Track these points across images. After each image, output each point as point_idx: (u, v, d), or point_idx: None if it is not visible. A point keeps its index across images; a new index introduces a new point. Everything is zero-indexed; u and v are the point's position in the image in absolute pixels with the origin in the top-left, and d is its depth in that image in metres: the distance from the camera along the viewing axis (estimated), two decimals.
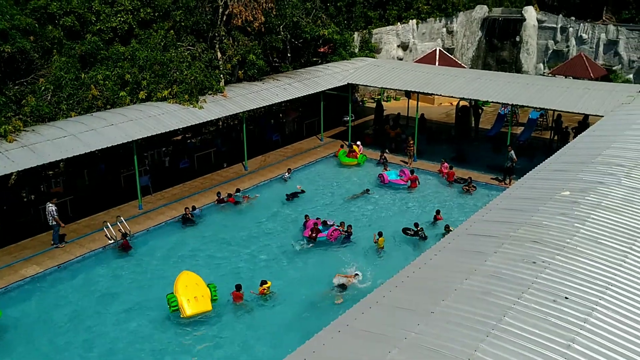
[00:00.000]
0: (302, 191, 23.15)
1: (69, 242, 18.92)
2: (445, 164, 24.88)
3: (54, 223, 18.51)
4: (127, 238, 18.79)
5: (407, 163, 26.33)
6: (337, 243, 19.07)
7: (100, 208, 21.40)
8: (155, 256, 18.53)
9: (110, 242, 18.95)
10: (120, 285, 16.88)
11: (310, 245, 18.85)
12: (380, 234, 18.80)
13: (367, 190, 23.43)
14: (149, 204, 22.06)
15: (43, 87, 21.54)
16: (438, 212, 20.68)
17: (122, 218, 19.75)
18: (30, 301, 16.05)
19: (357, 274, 16.64)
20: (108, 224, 19.47)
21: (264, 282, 15.89)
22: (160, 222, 20.57)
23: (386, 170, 24.69)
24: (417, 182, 23.74)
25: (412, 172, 24.20)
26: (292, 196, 22.68)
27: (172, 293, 15.15)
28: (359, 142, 27.48)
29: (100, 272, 17.58)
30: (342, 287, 16.13)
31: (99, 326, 14.85)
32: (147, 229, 20.07)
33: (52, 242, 18.70)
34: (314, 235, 18.96)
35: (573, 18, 38.10)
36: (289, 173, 25.09)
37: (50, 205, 18.51)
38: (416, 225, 19.35)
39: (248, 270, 17.56)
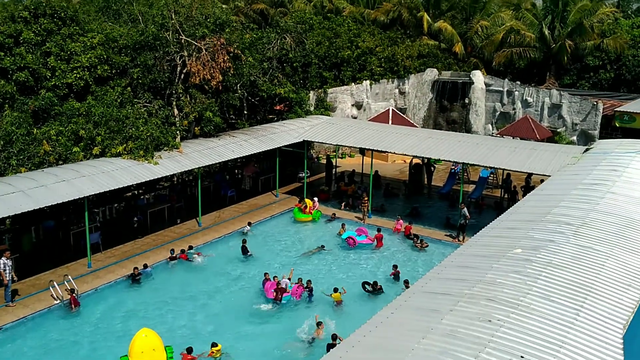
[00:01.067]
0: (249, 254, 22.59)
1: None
2: (401, 221, 25.21)
3: (8, 279, 17.64)
4: (74, 294, 18.06)
5: (361, 219, 26.54)
6: (302, 300, 18.81)
7: (48, 266, 20.60)
8: (103, 316, 17.81)
9: (56, 302, 18.16)
10: (65, 348, 16.08)
11: (276, 307, 18.42)
12: (335, 290, 18.76)
13: (322, 246, 23.41)
14: (99, 262, 21.37)
15: None
16: (395, 266, 20.84)
17: (69, 277, 19.01)
18: None
19: (320, 323, 16.58)
20: (55, 283, 18.70)
21: (214, 345, 15.44)
22: (109, 281, 19.90)
23: (343, 231, 24.56)
24: (382, 241, 23.66)
25: (378, 230, 24.01)
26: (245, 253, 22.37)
27: (126, 356, 14.48)
28: (315, 199, 27.63)
29: (46, 333, 16.73)
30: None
31: None
32: (95, 288, 19.37)
33: (5, 301, 17.75)
34: (279, 296, 18.55)
35: (518, 82, 40.04)
36: (249, 226, 24.95)
37: (3, 259, 17.71)
38: (375, 283, 19.37)
39: (200, 331, 17.03)
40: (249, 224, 25.22)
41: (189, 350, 15.13)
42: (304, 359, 15.71)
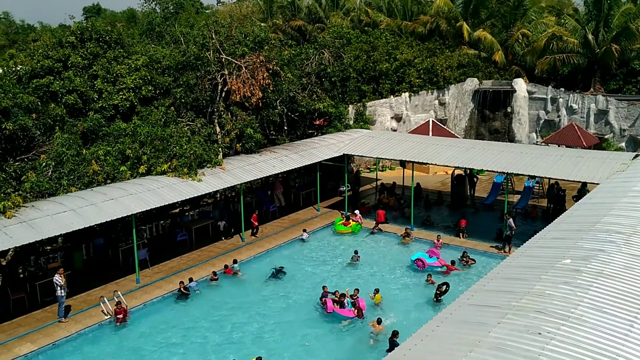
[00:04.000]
0: (283, 271, 22.38)
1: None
2: (441, 241, 24.63)
3: (60, 294, 18.29)
4: (121, 308, 18.47)
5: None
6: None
7: (98, 283, 21.16)
8: (151, 332, 18.13)
9: (106, 317, 18.62)
10: None
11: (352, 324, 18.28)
12: (376, 291, 19.19)
13: (356, 252, 23.53)
14: (147, 277, 21.83)
15: (44, 163, 21.78)
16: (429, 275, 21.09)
17: (119, 292, 19.49)
18: None
19: (380, 319, 17.37)
20: (105, 299, 19.20)
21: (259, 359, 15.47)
22: (157, 296, 20.29)
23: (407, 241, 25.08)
24: (449, 271, 21.94)
25: (452, 262, 22.27)
26: (277, 273, 22.14)
27: None
28: (357, 211, 27.60)
29: (95, 349, 17.14)
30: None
31: None
32: (143, 304, 19.77)
33: (58, 317, 18.46)
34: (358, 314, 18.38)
35: (562, 89, 39.21)
36: (306, 233, 25.91)
37: (57, 276, 18.41)
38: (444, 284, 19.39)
39: (255, 344, 17.15)
40: (304, 230, 26.11)
41: None
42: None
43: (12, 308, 19.18)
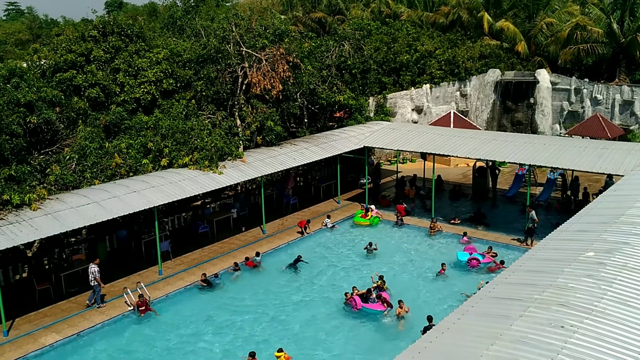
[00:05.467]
0: (304, 261, 22.43)
1: (88, 310, 18.90)
2: (465, 238, 24.17)
3: (95, 283, 18.93)
4: (144, 300, 18.76)
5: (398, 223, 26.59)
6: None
7: (121, 274, 21.46)
8: (174, 322, 18.35)
9: (129, 308, 18.89)
10: (140, 354, 16.67)
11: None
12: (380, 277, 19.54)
13: (370, 242, 23.62)
14: (169, 269, 22.08)
15: (68, 156, 22.10)
16: (443, 264, 21.07)
17: (142, 284, 19.75)
18: None
19: (401, 301, 17.85)
20: (128, 290, 19.48)
21: (280, 350, 15.55)
22: (179, 288, 20.52)
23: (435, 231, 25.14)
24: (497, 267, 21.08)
25: (502, 262, 21.20)
26: (295, 263, 22.23)
27: None
28: (372, 206, 27.53)
29: (119, 340, 17.42)
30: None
31: None
32: (166, 295, 20.00)
33: (94, 303, 19.15)
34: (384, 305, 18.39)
35: (587, 80, 38.56)
36: (329, 219, 26.37)
37: (93, 265, 18.94)
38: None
39: (277, 335, 17.27)
40: (328, 216, 26.56)
41: (252, 354, 15.29)
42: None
43: (37, 298, 19.56)
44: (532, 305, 9.74)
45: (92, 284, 18.96)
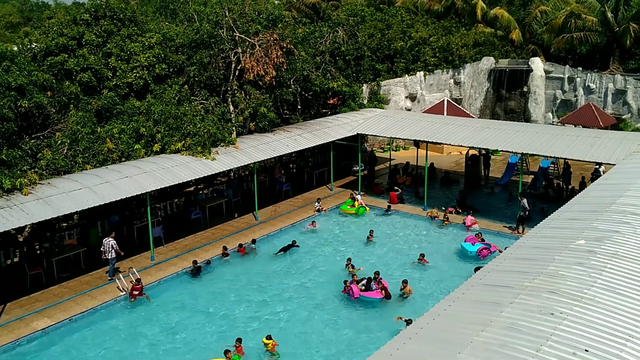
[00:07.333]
0: (296, 245, 22.69)
1: (81, 294, 18.88)
2: (470, 217, 24.43)
3: (113, 256, 19.66)
4: (136, 284, 18.77)
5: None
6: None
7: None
8: (166, 308, 18.39)
9: (122, 293, 18.89)
10: (130, 340, 16.70)
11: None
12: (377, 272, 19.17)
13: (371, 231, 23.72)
14: (161, 255, 22.07)
15: (59, 141, 21.95)
16: (422, 255, 21.18)
17: (134, 269, 19.75)
18: (40, 355, 15.89)
19: (405, 280, 18.58)
20: (120, 275, 19.46)
21: (268, 338, 15.62)
22: (171, 273, 20.53)
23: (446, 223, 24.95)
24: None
25: (500, 250, 20.62)
26: (288, 249, 22.37)
27: None
28: (358, 196, 27.44)
29: (110, 324, 17.44)
30: None
31: None
32: (158, 280, 20.02)
33: (108, 276, 19.91)
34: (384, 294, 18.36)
35: (580, 68, 38.61)
36: (318, 203, 26.62)
37: (110, 239, 19.77)
38: None
39: (274, 322, 17.34)
40: (318, 200, 26.79)
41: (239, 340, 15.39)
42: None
43: (29, 283, 19.52)
44: (522, 292, 9.81)
45: (109, 257, 19.70)
